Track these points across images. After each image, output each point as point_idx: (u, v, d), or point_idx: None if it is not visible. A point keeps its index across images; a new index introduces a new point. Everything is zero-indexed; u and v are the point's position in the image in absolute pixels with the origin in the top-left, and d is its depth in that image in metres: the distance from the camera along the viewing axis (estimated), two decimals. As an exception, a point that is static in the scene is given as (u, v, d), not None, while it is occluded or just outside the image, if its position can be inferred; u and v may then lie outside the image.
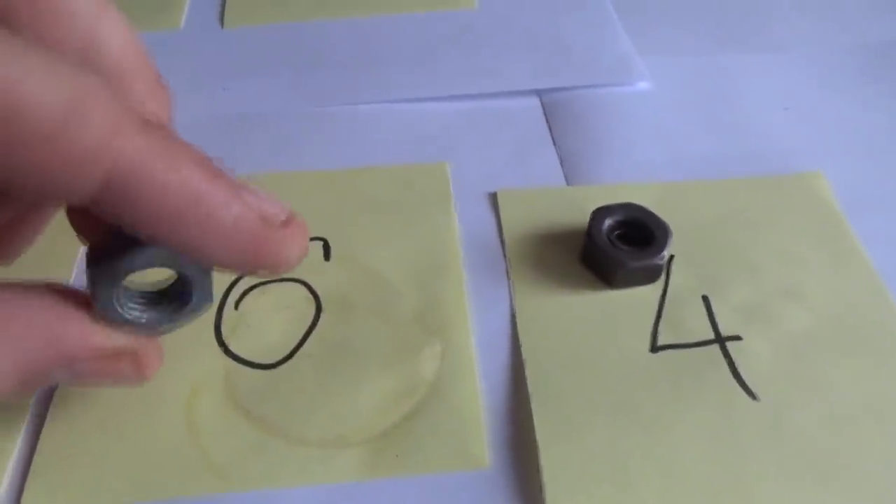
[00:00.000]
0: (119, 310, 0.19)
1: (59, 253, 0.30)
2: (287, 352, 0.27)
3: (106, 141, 0.14)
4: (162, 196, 0.15)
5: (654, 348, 0.27)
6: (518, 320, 0.28)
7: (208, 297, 0.20)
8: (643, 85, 0.39)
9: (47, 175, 0.13)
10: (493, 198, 0.33)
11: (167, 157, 0.15)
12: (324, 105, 0.38)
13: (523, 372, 0.27)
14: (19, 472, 0.24)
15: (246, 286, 0.29)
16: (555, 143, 0.36)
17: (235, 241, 0.16)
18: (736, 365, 0.27)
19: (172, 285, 0.20)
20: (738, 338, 0.27)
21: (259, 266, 0.17)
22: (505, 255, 0.31)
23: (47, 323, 0.17)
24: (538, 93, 0.39)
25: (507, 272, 0.30)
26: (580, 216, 0.31)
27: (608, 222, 0.29)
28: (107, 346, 0.18)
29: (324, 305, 0.29)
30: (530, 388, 0.26)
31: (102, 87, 0.14)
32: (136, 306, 0.19)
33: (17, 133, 0.13)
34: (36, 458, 0.24)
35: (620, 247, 0.29)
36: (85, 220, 0.19)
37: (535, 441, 0.25)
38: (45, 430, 0.25)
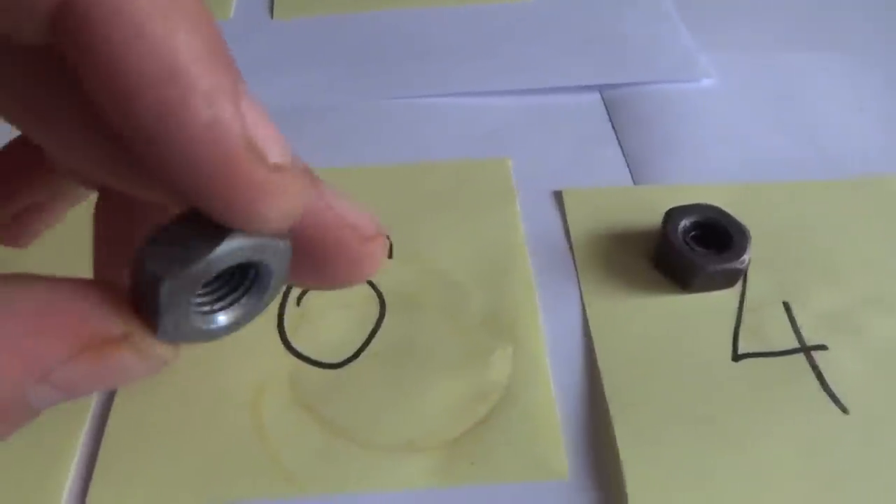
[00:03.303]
0: (193, 323, 0.14)
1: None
2: (352, 351, 0.26)
3: None
4: (136, 54, 0.11)
5: (736, 356, 0.26)
6: (591, 324, 0.27)
7: (285, 278, 0.16)
8: (707, 82, 0.38)
9: None
10: (557, 195, 0.32)
11: (167, 14, 0.11)
12: (378, 98, 0.37)
13: (597, 377, 0.26)
14: (83, 474, 0.24)
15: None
16: (618, 140, 0.35)
17: (202, 152, 0.11)
18: (824, 375, 0.25)
19: (235, 273, 0.16)
20: (823, 347, 0.26)
21: (219, 202, 0.12)
22: (573, 255, 0.30)
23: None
24: (599, 88, 0.38)
25: (576, 273, 0.29)
26: (650, 217, 0.30)
27: (683, 223, 0.28)
28: (99, 332, 0.13)
29: (388, 304, 0.28)
30: (608, 397, 0.25)
31: None
32: (205, 308, 0.15)
33: None
34: (100, 459, 0.24)
35: (697, 249, 0.28)
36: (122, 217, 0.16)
37: (614, 451, 0.24)
38: (108, 431, 0.24)
